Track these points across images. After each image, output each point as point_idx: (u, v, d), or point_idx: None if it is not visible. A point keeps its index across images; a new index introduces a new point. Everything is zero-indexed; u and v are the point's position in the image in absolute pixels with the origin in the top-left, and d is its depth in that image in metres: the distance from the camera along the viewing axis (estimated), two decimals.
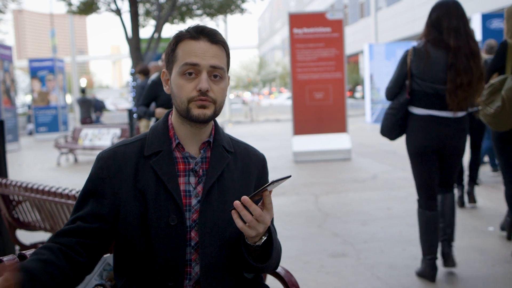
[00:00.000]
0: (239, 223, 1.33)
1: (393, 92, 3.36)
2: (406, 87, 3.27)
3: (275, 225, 1.64)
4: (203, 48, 1.42)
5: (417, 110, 3.27)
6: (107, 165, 1.44)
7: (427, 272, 3.30)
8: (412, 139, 3.31)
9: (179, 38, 1.45)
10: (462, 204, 5.34)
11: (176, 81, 1.44)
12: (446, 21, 3.13)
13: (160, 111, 5.24)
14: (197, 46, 1.42)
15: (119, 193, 1.42)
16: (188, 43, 1.43)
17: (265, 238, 1.41)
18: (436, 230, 3.28)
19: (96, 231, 1.41)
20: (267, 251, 1.44)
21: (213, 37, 1.44)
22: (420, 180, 3.33)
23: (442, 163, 3.33)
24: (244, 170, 1.55)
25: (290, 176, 1.29)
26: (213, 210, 1.44)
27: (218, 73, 1.44)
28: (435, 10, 3.19)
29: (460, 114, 3.23)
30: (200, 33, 1.43)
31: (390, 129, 3.40)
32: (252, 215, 1.31)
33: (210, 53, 1.42)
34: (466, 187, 5.50)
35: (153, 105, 5.52)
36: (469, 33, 3.17)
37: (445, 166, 3.34)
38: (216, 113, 1.46)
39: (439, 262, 3.45)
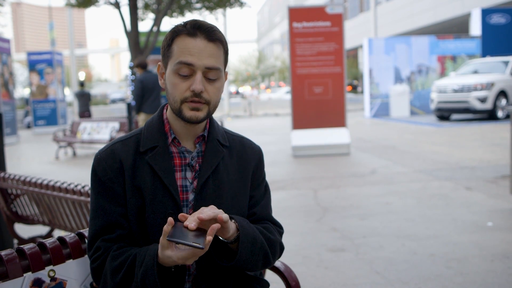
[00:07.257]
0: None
1: None
2: None
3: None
4: (199, 46, 1.37)
5: None
6: (109, 164, 1.42)
7: None
8: None
9: (176, 33, 1.40)
10: None
11: (171, 78, 1.40)
12: None
13: None
14: (193, 43, 1.37)
15: (124, 189, 1.41)
16: (184, 40, 1.38)
17: (237, 234, 1.37)
18: None
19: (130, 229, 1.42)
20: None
21: (211, 35, 1.38)
22: None
23: None
24: (240, 164, 1.53)
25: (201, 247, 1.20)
26: (208, 205, 1.41)
27: (214, 74, 1.40)
28: None
29: None
30: (197, 29, 1.38)
31: None
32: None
33: (206, 52, 1.37)
34: None
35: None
36: None
37: None
38: (210, 113, 1.43)
39: None
